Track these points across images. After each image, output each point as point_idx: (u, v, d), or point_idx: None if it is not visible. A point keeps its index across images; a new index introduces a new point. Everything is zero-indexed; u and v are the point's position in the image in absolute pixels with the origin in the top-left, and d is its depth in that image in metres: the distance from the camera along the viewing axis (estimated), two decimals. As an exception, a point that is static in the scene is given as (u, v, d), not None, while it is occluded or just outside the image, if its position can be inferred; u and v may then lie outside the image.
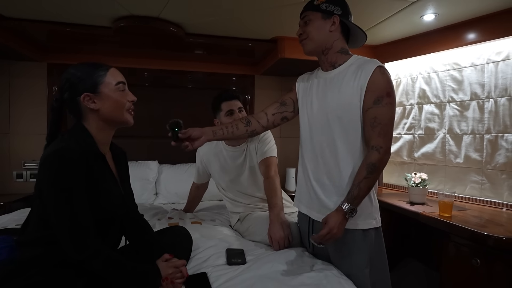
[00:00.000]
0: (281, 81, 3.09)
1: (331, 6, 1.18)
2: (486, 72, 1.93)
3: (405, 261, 2.14)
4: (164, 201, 2.41)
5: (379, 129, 1.09)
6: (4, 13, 1.91)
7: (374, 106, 1.10)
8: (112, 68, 1.04)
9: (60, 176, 0.88)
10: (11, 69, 2.49)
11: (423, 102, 2.30)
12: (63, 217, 0.87)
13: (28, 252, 0.91)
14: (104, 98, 1.00)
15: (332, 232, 1.06)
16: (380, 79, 1.11)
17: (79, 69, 1.00)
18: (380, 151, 1.08)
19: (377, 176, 1.11)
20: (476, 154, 1.97)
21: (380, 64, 1.13)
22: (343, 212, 1.07)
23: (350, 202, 1.07)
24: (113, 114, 1.02)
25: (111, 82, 1.01)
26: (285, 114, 1.37)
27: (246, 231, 1.58)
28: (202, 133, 1.25)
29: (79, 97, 0.97)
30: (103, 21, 2.01)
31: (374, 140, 1.10)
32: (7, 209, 2.08)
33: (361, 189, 1.08)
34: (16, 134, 2.51)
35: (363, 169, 1.09)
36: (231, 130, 1.32)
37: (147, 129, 2.55)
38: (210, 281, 1.08)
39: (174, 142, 1.21)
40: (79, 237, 0.88)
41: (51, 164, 0.89)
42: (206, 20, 1.99)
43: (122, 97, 1.03)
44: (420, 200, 1.92)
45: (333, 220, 1.06)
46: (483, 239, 1.33)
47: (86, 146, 0.96)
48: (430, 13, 1.84)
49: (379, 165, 1.09)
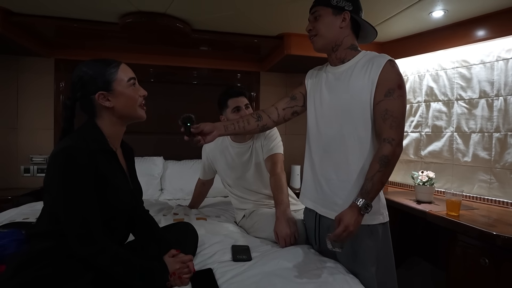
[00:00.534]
0: (286, 78, 3.08)
1: (342, 1, 1.16)
2: (496, 70, 1.90)
3: (411, 260, 2.13)
4: (169, 197, 2.42)
5: (390, 121, 1.08)
6: (13, 9, 1.92)
7: (385, 98, 1.09)
8: (122, 64, 1.04)
9: (68, 175, 0.89)
10: (19, 65, 2.51)
11: (431, 100, 2.27)
12: (71, 214, 0.88)
13: (38, 245, 0.92)
14: (118, 95, 1.00)
15: (349, 230, 1.02)
16: (391, 72, 1.10)
17: (90, 66, 1.00)
18: (393, 143, 1.06)
19: (390, 170, 1.08)
20: (485, 152, 1.94)
21: (390, 58, 1.13)
22: (358, 208, 1.04)
23: (364, 197, 1.05)
24: (127, 110, 1.03)
25: (123, 78, 1.01)
26: (296, 109, 1.36)
27: (252, 228, 1.58)
28: (214, 127, 1.25)
29: (94, 96, 0.98)
30: (110, 17, 2.01)
31: (386, 133, 1.08)
32: (14, 203, 2.10)
33: (375, 183, 1.05)
34: (23, 129, 2.53)
35: (376, 162, 1.07)
36: (242, 125, 1.32)
37: (152, 125, 2.55)
38: (216, 277, 1.08)
39: (187, 137, 1.20)
40: (86, 234, 0.89)
41: (59, 163, 0.90)
42: (212, 16, 1.99)
43: (135, 93, 1.04)
44: (427, 199, 1.91)
45: (348, 217, 1.03)
46: (492, 238, 1.32)
47: (97, 143, 0.97)
48: (439, 9, 1.82)
49: (391, 157, 1.06)
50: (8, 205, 2.05)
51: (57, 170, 0.90)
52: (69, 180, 0.89)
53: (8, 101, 2.49)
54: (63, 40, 2.42)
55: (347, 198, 1.14)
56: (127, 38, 2.35)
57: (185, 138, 1.21)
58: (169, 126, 2.63)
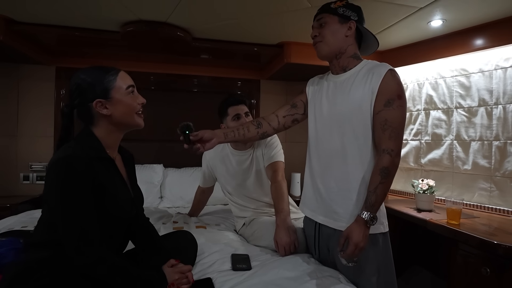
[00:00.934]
0: (286, 86, 3.09)
1: (348, 11, 1.18)
2: (495, 78, 1.91)
3: (412, 269, 2.11)
4: (169, 204, 2.40)
5: (389, 131, 1.08)
6: (15, 18, 1.94)
7: (385, 108, 1.09)
8: (121, 72, 1.03)
9: (66, 185, 0.88)
10: (20, 72, 2.52)
11: (430, 108, 2.28)
12: (69, 225, 0.88)
13: (35, 254, 0.91)
14: (115, 103, 0.99)
15: (359, 246, 1.04)
16: (391, 81, 1.11)
17: (89, 74, 0.99)
18: (392, 154, 1.07)
19: (391, 180, 1.09)
20: (485, 161, 1.94)
21: (391, 67, 1.13)
22: (364, 221, 1.05)
23: (369, 210, 1.06)
24: (125, 118, 1.02)
25: (121, 86, 1.01)
26: (296, 116, 1.36)
27: (252, 236, 1.57)
28: (213, 135, 1.25)
29: (91, 103, 0.97)
30: (112, 25, 2.03)
31: (385, 143, 1.09)
32: (13, 211, 2.09)
33: (378, 195, 1.06)
34: (23, 136, 2.53)
35: (377, 174, 1.07)
36: (242, 132, 1.32)
37: (152, 132, 2.56)
38: (216, 287, 1.07)
39: (187, 145, 1.21)
40: (84, 245, 0.88)
41: (57, 173, 0.89)
42: (213, 25, 2.01)
43: (133, 101, 1.03)
44: (428, 207, 1.90)
45: (356, 234, 1.04)
46: (493, 248, 1.31)
47: (94, 152, 0.96)
48: (437, 19, 1.84)
49: (391, 168, 1.08)
50: (7, 213, 2.04)
51: (55, 180, 0.89)
52: (67, 191, 0.88)
53: (8, 108, 2.50)
54: (64, 48, 2.44)
55: (347, 206, 1.14)
56: (128, 46, 2.37)
57: (185, 146, 1.21)
58: (169, 134, 2.62)
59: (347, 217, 1.14)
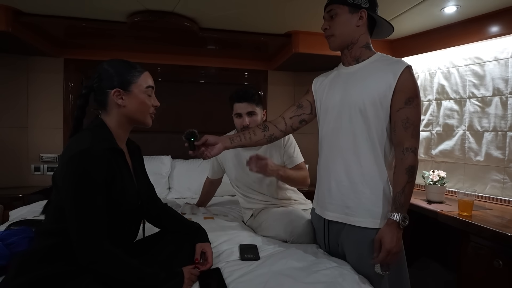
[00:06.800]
0: (294, 76, 3.05)
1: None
2: (510, 67, 1.85)
3: (422, 261, 2.09)
4: (177, 195, 2.42)
5: (411, 130, 1.08)
6: (22, 9, 1.94)
7: (406, 106, 1.08)
8: (146, 72, 1.09)
9: (83, 179, 0.89)
10: (29, 64, 2.54)
11: (442, 98, 2.23)
12: (79, 218, 0.88)
13: (43, 242, 0.93)
14: (132, 97, 1.04)
15: (392, 252, 1.03)
16: (410, 79, 1.10)
17: (115, 64, 1.04)
18: (415, 152, 1.08)
19: (415, 178, 1.10)
20: (498, 152, 1.89)
21: (409, 64, 1.12)
22: (396, 223, 1.04)
23: (399, 211, 1.05)
24: (137, 114, 1.06)
25: (142, 84, 1.06)
26: (303, 117, 1.34)
27: (259, 227, 1.57)
28: (217, 139, 1.25)
29: (110, 90, 1.01)
30: (118, 16, 2.02)
31: (408, 142, 1.08)
32: (25, 201, 2.13)
33: (406, 195, 1.06)
34: (34, 128, 2.56)
35: (403, 174, 1.07)
36: (249, 136, 1.31)
37: (160, 124, 2.55)
38: (224, 277, 1.08)
39: (192, 152, 1.24)
40: (91, 239, 0.88)
41: (76, 166, 0.89)
42: (220, 14, 1.98)
43: (149, 101, 1.08)
44: (438, 199, 1.87)
45: (388, 238, 1.03)
46: (506, 239, 1.28)
47: (107, 143, 0.98)
48: (451, 5, 1.78)
49: (416, 167, 1.08)
50: (19, 203, 2.09)
51: (74, 173, 0.89)
52: (83, 185, 0.88)
53: (18, 100, 2.52)
54: (72, 40, 2.44)
55: (359, 200, 1.13)
56: (135, 37, 2.36)
57: (190, 153, 1.24)
58: (177, 125, 2.65)
59: (358, 211, 1.13)
